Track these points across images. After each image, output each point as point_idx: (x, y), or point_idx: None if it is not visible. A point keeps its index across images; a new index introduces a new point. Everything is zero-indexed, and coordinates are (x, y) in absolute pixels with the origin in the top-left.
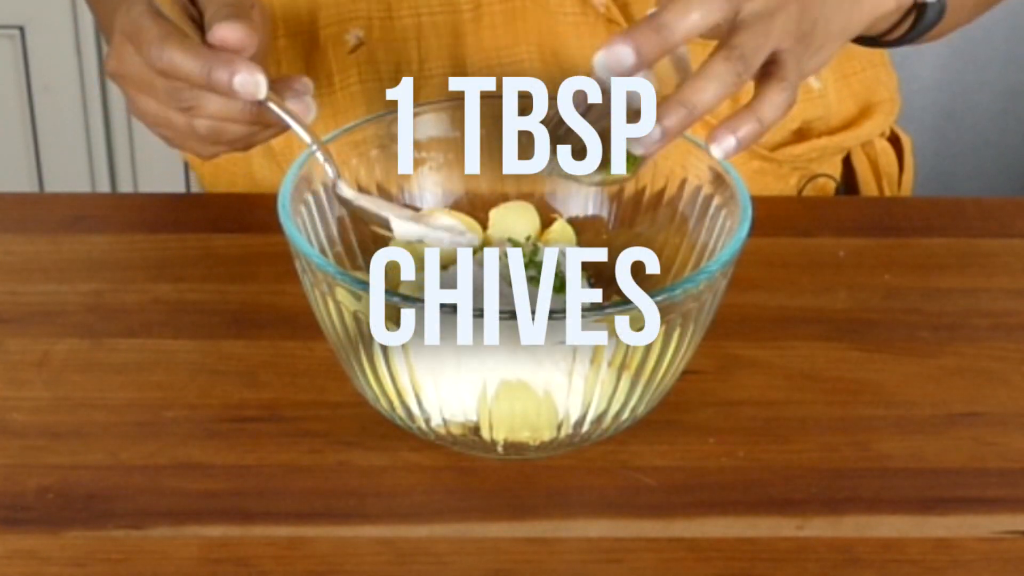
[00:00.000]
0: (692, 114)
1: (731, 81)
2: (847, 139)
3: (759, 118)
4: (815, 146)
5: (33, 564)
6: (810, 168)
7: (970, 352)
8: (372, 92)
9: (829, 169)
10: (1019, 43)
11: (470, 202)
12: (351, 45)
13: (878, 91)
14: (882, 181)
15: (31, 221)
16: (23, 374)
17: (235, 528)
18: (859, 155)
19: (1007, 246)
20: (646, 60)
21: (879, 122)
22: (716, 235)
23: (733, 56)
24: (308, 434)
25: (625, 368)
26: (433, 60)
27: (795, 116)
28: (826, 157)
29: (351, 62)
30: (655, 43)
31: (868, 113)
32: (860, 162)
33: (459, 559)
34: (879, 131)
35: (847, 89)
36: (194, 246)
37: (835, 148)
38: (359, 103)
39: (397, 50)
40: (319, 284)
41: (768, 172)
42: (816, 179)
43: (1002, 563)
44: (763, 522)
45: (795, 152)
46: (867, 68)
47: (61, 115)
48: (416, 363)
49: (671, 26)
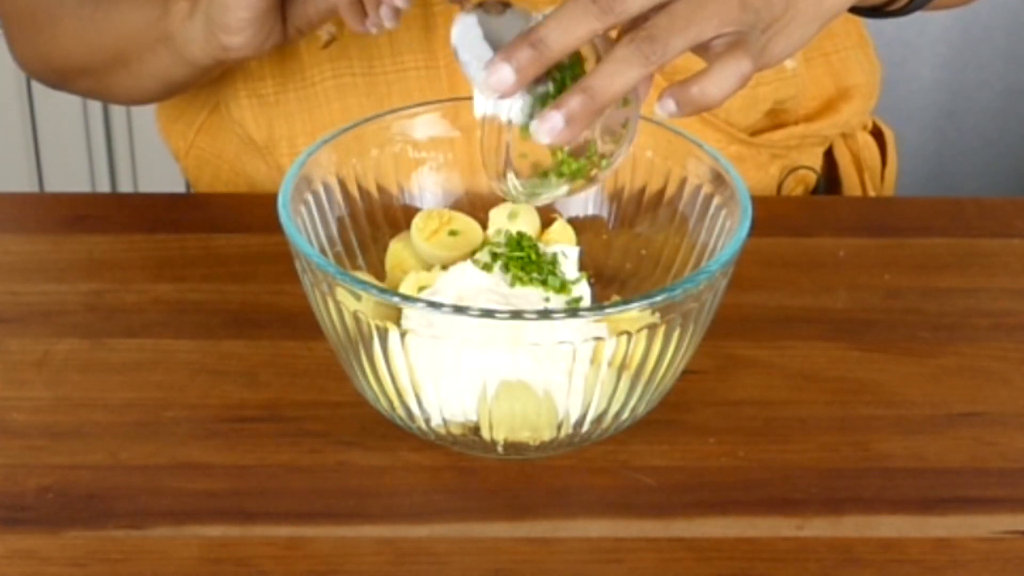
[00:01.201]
0: (594, 99)
1: (639, 64)
2: (826, 127)
3: (701, 88)
4: (794, 133)
5: (33, 564)
6: (791, 158)
7: (970, 352)
8: (346, 87)
9: (810, 161)
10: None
11: (470, 202)
12: (324, 40)
13: (855, 72)
14: (864, 175)
15: (31, 221)
16: (23, 374)
17: (235, 528)
18: (841, 148)
19: (1007, 246)
20: (525, 78)
21: (857, 107)
22: (716, 235)
23: (638, 38)
24: (308, 434)
25: (625, 368)
26: (406, 54)
27: (767, 96)
28: (806, 147)
29: (324, 57)
30: (532, 59)
31: (845, 96)
32: (843, 155)
33: (459, 559)
34: (858, 118)
35: (823, 67)
36: (194, 246)
37: (815, 137)
38: (333, 98)
39: (369, 45)
40: (319, 284)
41: (747, 159)
42: (797, 171)
43: (1002, 563)
44: (763, 522)
45: (773, 138)
46: (846, 48)
47: (61, 115)
48: (416, 363)
49: (547, 41)
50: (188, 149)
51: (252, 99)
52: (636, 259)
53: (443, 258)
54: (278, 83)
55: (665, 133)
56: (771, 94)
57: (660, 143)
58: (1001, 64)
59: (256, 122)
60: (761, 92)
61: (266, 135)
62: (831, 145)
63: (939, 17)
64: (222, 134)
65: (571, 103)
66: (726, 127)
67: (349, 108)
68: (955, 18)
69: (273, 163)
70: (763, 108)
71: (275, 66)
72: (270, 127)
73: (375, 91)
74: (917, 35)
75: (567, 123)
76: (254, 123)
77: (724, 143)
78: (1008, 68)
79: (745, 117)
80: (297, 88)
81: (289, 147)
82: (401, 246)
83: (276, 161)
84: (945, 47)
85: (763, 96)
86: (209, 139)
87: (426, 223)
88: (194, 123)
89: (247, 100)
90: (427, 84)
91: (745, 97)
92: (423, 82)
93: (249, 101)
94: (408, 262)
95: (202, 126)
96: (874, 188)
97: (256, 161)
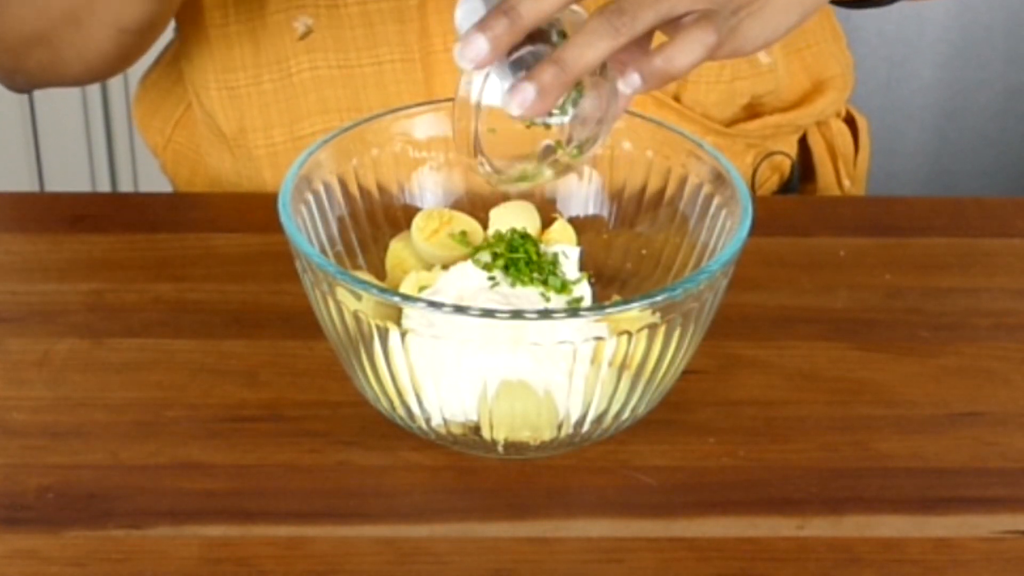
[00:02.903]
0: (565, 71)
1: (609, 35)
2: (801, 116)
3: (666, 57)
4: (769, 123)
5: (33, 564)
6: (765, 145)
7: (970, 352)
8: (324, 79)
9: (785, 147)
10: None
11: (470, 202)
12: (300, 32)
13: (830, 66)
14: (838, 161)
15: (31, 221)
16: (23, 374)
17: (235, 528)
18: (815, 135)
19: (1007, 246)
20: (499, 46)
21: (832, 99)
22: (716, 235)
23: (609, 10)
24: (308, 434)
25: (625, 368)
26: (382, 46)
27: (744, 91)
28: (781, 135)
29: (302, 48)
30: (506, 27)
31: (821, 89)
32: (816, 143)
33: (459, 559)
34: (833, 109)
35: (799, 63)
36: (194, 246)
37: (789, 126)
38: (309, 89)
39: (346, 37)
40: (319, 284)
41: (723, 148)
42: (772, 156)
43: (1002, 563)
44: (763, 522)
45: (749, 128)
46: (819, 43)
47: (61, 115)
48: (416, 363)
49: (519, 9)
50: (166, 144)
51: (223, 91)
52: (636, 259)
53: (443, 258)
54: (251, 74)
55: (666, 133)
56: (748, 88)
57: (660, 143)
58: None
59: (225, 114)
60: (738, 87)
61: (236, 127)
62: (805, 132)
63: (939, 17)
64: (199, 129)
65: (543, 75)
66: (702, 120)
67: (325, 100)
68: (955, 18)
69: (242, 155)
70: (740, 103)
71: (248, 57)
72: (240, 119)
73: (351, 83)
74: (917, 35)
75: (539, 94)
76: (223, 114)
77: (700, 134)
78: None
79: (721, 112)
80: (273, 79)
81: (264, 138)
82: (401, 246)
83: (247, 152)
84: (945, 47)
85: (740, 91)
86: (187, 134)
87: (426, 223)
88: (171, 118)
89: (217, 92)
90: (403, 77)
91: (722, 92)
92: (399, 75)
93: (219, 93)
94: (408, 262)
95: (179, 121)
96: (847, 175)
97: (222, 153)
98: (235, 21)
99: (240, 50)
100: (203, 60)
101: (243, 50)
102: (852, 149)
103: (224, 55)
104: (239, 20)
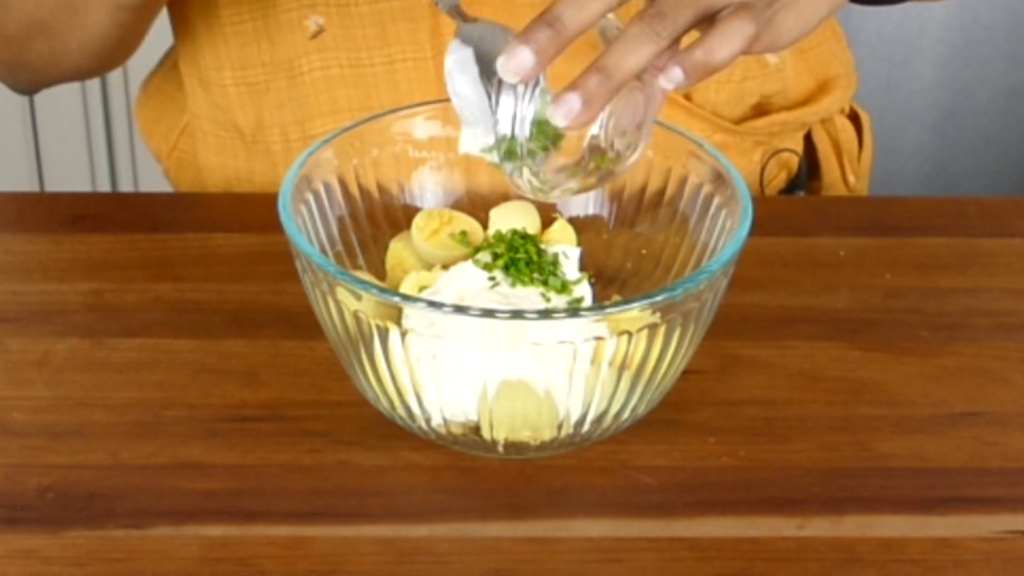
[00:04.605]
0: (610, 77)
1: (651, 40)
2: (807, 114)
3: (706, 50)
4: (776, 120)
5: (33, 564)
6: (772, 143)
7: (971, 352)
8: (335, 78)
9: (791, 144)
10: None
11: (470, 202)
12: (312, 31)
13: (833, 66)
14: (843, 158)
15: (31, 221)
16: (23, 374)
17: (235, 528)
18: (820, 132)
19: (1008, 246)
20: (545, 58)
21: (837, 97)
22: (716, 235)
23: (648, 15)
24: (308, 434)
25: (625, 368)
26: (394, 45)
27: (753, 91)
28: (788, 132)
29: (313, 47)
30: (550, 38)
31: (826, 88)
32: (821, 139)
33: (459, 559)
34: (838, 107)
35: (803, 63)
36: (194, 246)
37: (796, 123)
38: (321, 88)
39: (357, 36)
40: (319, 284)
41: (732, 146)
42: (779, 154)
43: (1002, 563)
44: (763, 522)
45: (757, 125)
46: (822, 43)
47: (61, 115)
48: (416, 363)
49: (563, 19)
50: (170, 151)
51: (241, 86)
52: (637, 259)
53: (443, 258)
54: (268, 71)
55: (666, 133)
56: (757, 88)
57: (661, 143)
58: (1001, 64)
59: (244, 109)
60: (748, 86)
61: (254, 121)
62: (810, 129)
63: (939, 17)
64: (203, 132)
65: (588, 83)
66: (712, 118)
67: (337, 99)
68: (955, 18)
69: (260, 151)
70: (750, 102)
71: (265, 55)
72: (259, 113)
73: (363, 82)
74: (917, 35)
75: (584, 104)
76: (241, 110)
77: (709, 131)
78: (1008, 68)
79: (731, 110)
80: (286, 77)
81: (280, 135)
82: (401, 246)
83: (265, 148)
84: (945, 47)
85: (750, 90)
86: (192, 141)
87: (426, 223)
88: (176, 125)
89: (235, 88)
90: (415, 76)
91: (732, 91)
92: (411, 73)
93: (237, 88)
94: (408, 262)
95: (185, 128)
96: (852, 171)
97: (236, 150)
98: (250, 18)
99: (257, 47)
100: (218, 55)
101: (259, 47)
102: (856, 145)
103: (240, 52)
104: (254, 17)
